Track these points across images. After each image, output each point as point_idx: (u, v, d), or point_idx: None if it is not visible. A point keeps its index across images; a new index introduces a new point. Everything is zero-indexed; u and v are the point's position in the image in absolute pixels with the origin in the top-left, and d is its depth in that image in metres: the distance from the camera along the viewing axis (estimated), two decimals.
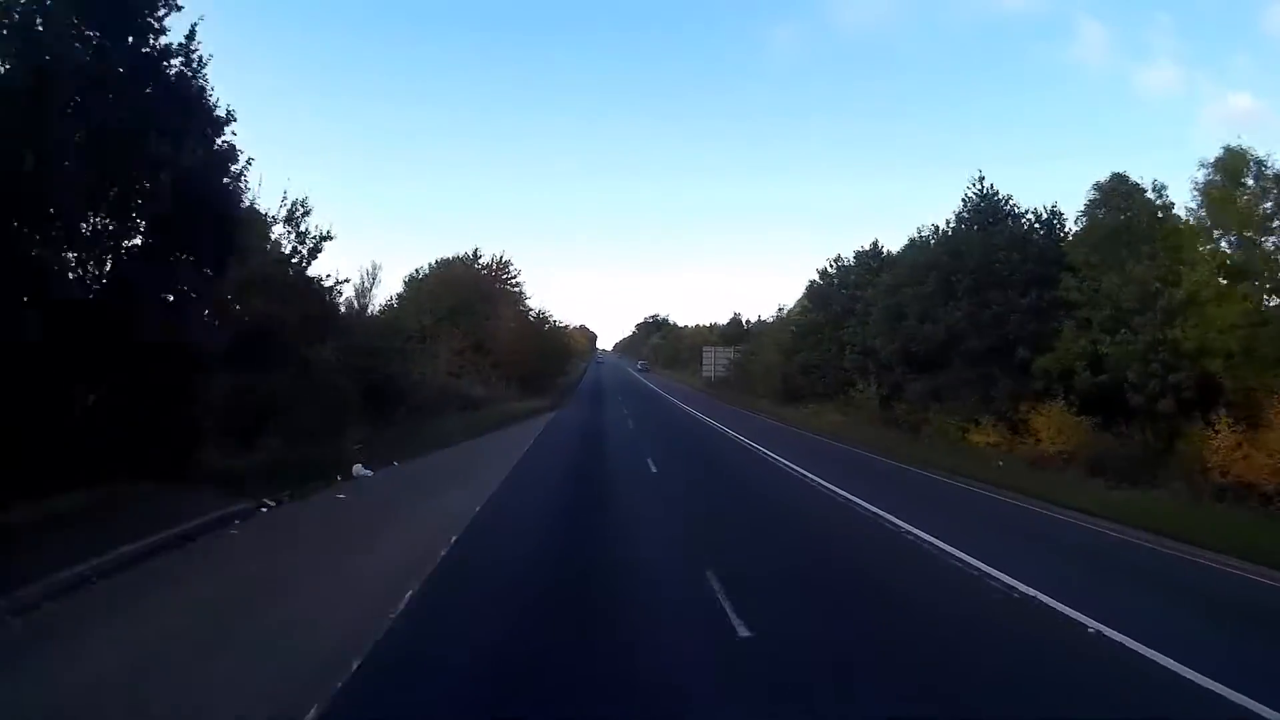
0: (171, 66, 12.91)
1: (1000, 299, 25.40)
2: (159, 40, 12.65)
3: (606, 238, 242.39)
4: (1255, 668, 6.03)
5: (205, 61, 13.14)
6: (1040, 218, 28.56)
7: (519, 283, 50.70)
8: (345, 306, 26.69)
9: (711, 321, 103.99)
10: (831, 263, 42.09)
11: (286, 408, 15.34)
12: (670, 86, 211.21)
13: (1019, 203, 28.98)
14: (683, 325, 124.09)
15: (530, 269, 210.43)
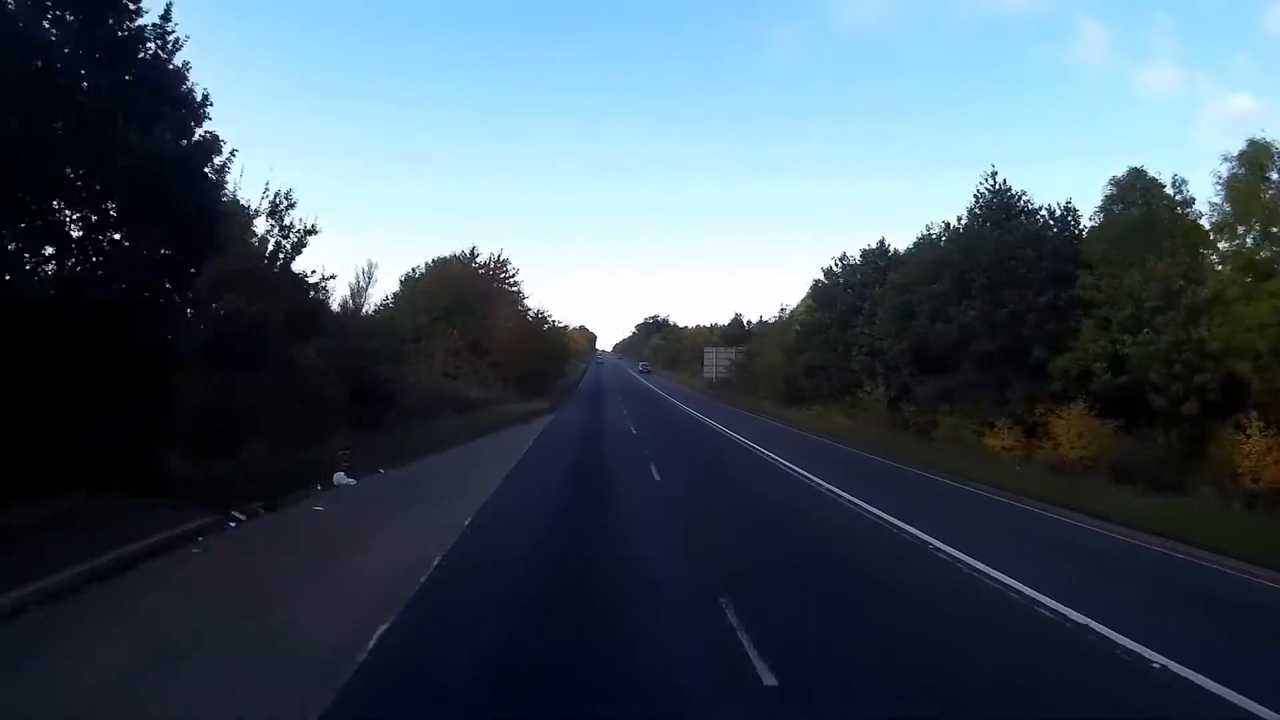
0: (146, 49, 12.12)
1: (1016, 297, 24.50)
2: (134, 22, 11.89)
3: (606, 238, 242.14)
4: None
5: (181, 43, 12.35)
6: (1054, 214, 27.75)
7: (517, 282, 49.85)
8: (340, 306, 25.91)
9: (712, 322, 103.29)
10: (837, 261, 41.18)
11: (267, 411, 14.43)
12: (670, 86, 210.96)
13: (1032, 199, 28.18)
14: (683, 326, 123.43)
15: (530, 269, 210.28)
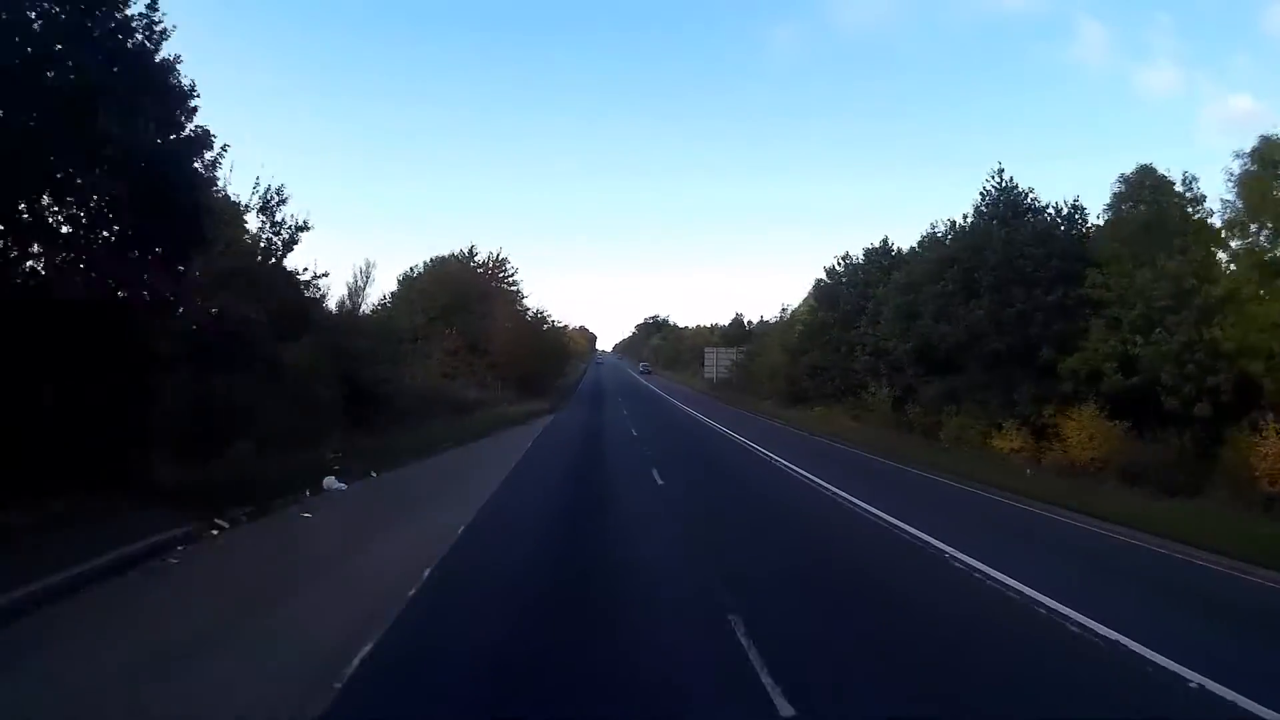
0: (132, 38, 11.68)
1: (1024, 296, 24.00)
2: (120, 12, 11.43)
3: (606, 238, 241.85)
4: None
5: (168, 33, 11.89)
6: (1061, 212, 27.27)
7: (516, 281, 49.37)
8: (338, 306, 25.46)
9: (713, 322, 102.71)
10: (840, 260, 40.65)
11: (256, 413, 13.94)
12: (670, 86, 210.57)
13: (1039, 197, 27.68)
14: (683, 326, 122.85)
15: (530, 269, 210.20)
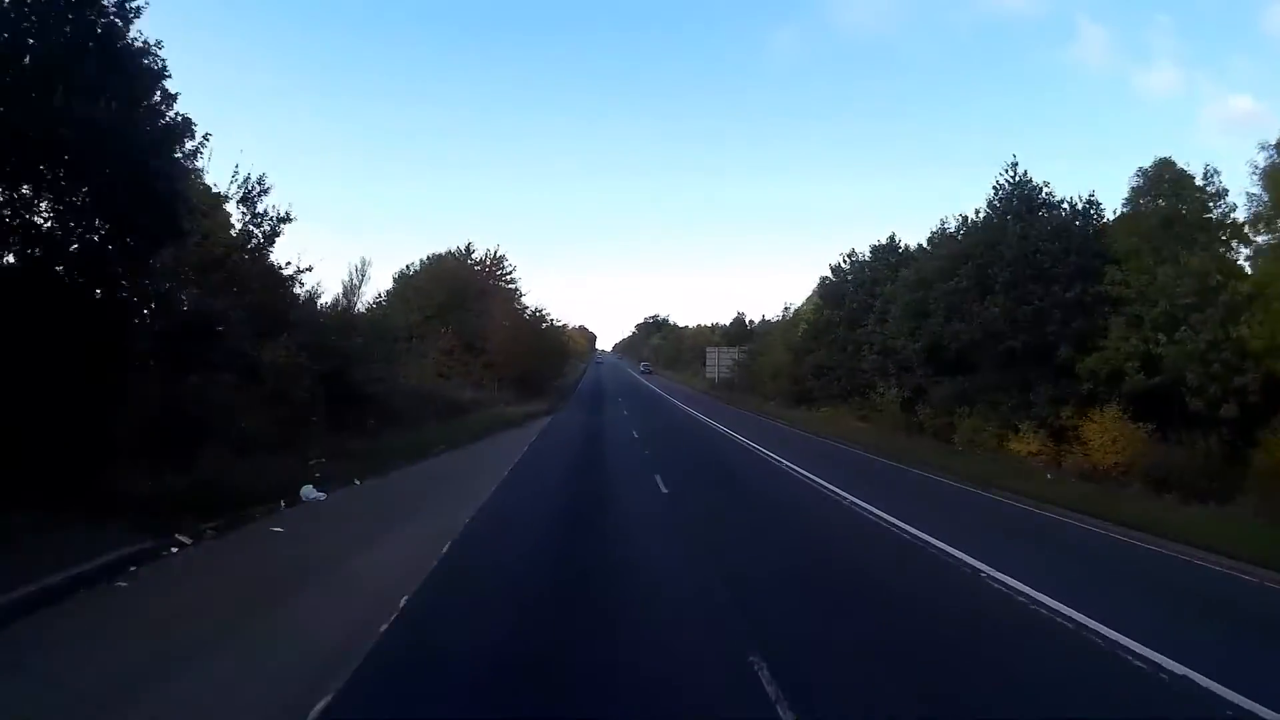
0: (98, 11, 10.81)
1: (1041, 293, 23.07)
2: None
3: (606, 238, 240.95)
4: None
5: (140, 11, 11.04)
6: (1075, 208, 26.37)
7: (514, 279, 48.40)
8: (332, 304, 24.54)
9: (714, 321, 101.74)
10: (845, 258, 39.74)
11: (231, 415, 13.01)
12: (670, 86, 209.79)
13: (1054, 191, 26.73)
14: (684, 325, 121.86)
15: (529, 269, 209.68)
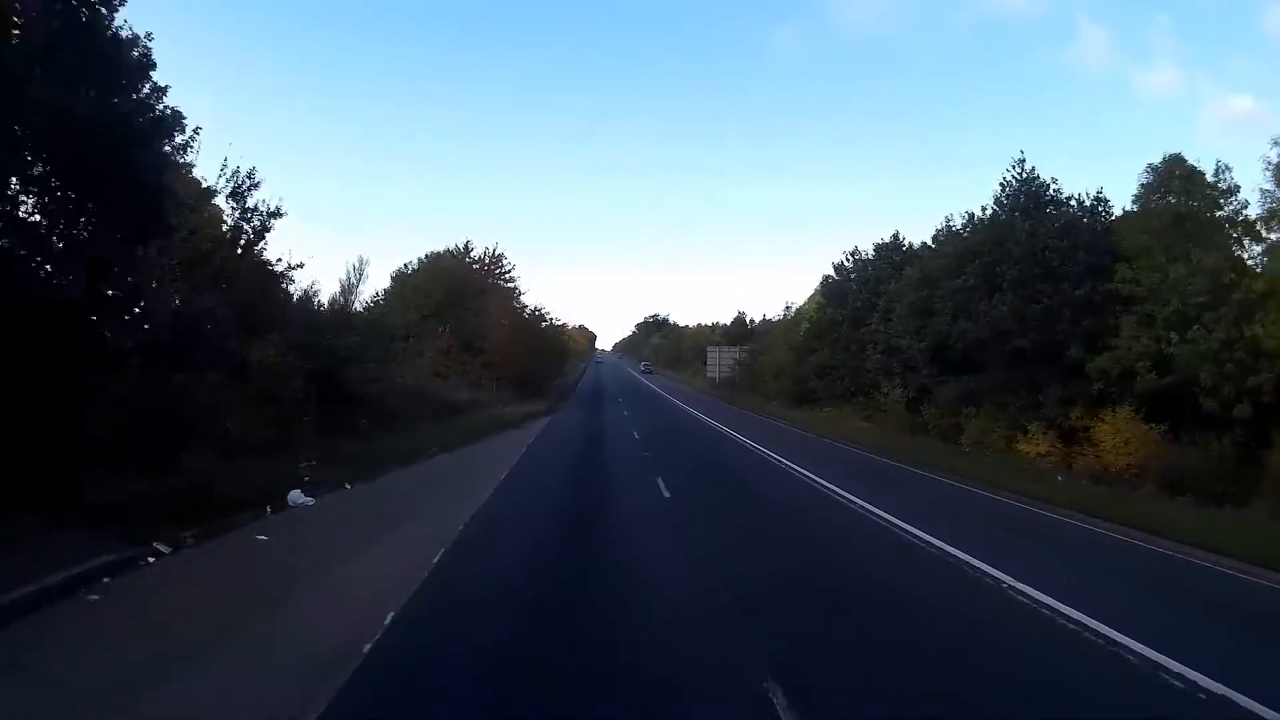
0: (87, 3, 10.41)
1: (1050, 291, 22.61)
2: None
3: (606, 237, 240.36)
4: None
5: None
6: (1083, 205, 25.93)
7: (513, 278, 47.87)
8: (329, 303, 24.08)
9: (714, 321, 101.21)
10: (848, 256, 39.23)
11: (219, 417, 12.55)
12: (670, 87, 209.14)
13: (1061, 188, 26.28)
14: (684, 325, 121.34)
15: (529, 269, 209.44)
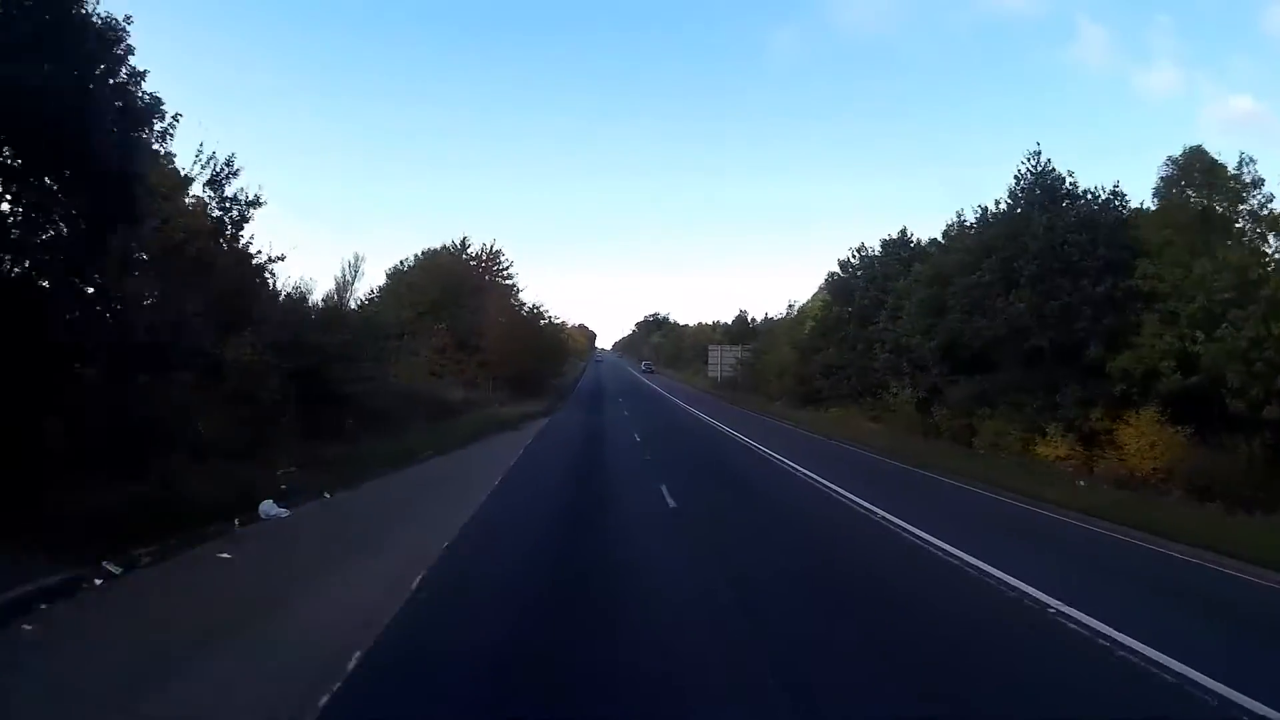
0: None
1: (1070, 288, 21.71)
2: None
3: (606, 237, 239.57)
4: None
5: None
6: (1098, 199, 25.04)
7: (511, 275, 46.94)
8: (325, 301, 23.24)
9: (715, 320, 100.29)
10: (854, 253, 38.36)
11: (188, 419, 11.66)
12: (670, 87, 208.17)
13: (1078, 181, 25.39)
14: (684, 324, 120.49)
15: (529, 268, 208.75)
